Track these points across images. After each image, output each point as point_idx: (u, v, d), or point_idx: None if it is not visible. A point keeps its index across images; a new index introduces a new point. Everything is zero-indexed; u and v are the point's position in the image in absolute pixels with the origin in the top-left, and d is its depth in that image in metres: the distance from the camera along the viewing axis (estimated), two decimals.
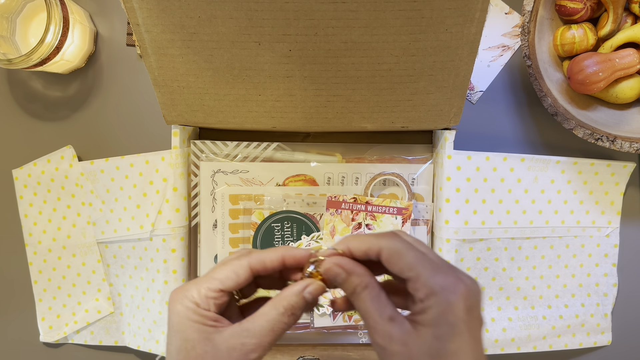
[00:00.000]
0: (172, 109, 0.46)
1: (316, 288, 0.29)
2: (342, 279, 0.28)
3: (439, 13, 0.37)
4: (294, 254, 0.30)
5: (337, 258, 0.29)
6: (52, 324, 0.54)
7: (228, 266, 0.29)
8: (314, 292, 0.29)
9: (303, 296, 0.29)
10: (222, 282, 0.29)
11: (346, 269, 0.29)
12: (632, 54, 0.47)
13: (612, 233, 0.53)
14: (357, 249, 0.29)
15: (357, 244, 0.29)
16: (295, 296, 0.29)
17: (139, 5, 0.38)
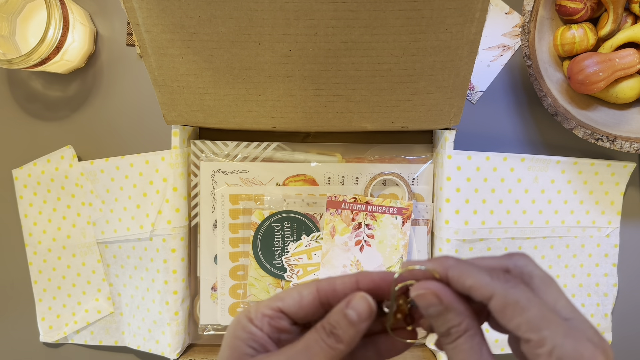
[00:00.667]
0: (172, 108, 0.46)
1: (358, 302, 0.23)
2: (437, 311, 0.22)
3: (439, 13, 0.37)
4: (371, 276, 0.24)
5: (433, 283, 0.23)
6: (52, 324, 0.54)
7: (294, 288, 0.25)
8: (357, 308, 0.23)
9: (345, 313, 0.23)
10: (283, 300, 0.24)
11: (444, 301, 0.22)
12: (632, 54, 0.47)
13: (612, 233, 0.53)
14: (458, 282, 0.23)
15: (459, 274, 0.23)
16: (335, 314, 0.23)
17: (139, 5, 0.37)
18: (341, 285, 0.24)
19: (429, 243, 0.52)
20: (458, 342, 0.22)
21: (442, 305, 0.22)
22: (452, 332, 0.22)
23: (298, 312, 0.24)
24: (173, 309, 0.49)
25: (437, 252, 0.50)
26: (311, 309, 0.24)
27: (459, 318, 0.22)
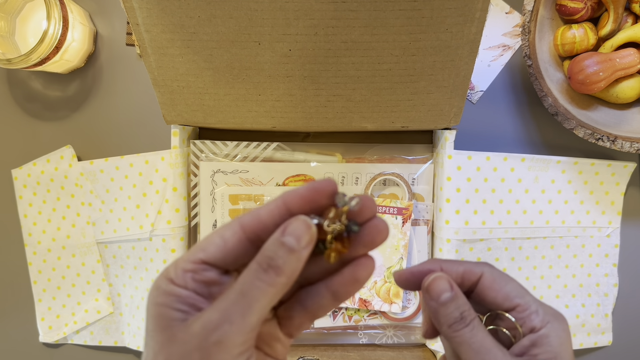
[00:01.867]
0: (171, 108, 0.45)
1: (296, 226, 0.20)
2: (447, 298, 0.24)
3: (439, 13, 0.37)
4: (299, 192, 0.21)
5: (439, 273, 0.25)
6: (52, 324, 0.54)
7: (215, 232, 0.21)
8: (296, 233, 0.20)
9: (282, 242, 0.20)
10: (205, 249, 0.20)
11: (454, 287, 0.24)
12: (633, 54, 0.47)
13: (612, 233, 0.53)
14: (452, 270, 0.25)
15: (452, 265, 0.25)
16: (271, 245, 0.20)
17: (139, 4, 0.37)
18: (268, 214, 0.20)
19: (429, 243, 0.51)
20: (473, 324, 0.24)
21: (453, 291, 0.24)
22: (465, 316, 0.24)
23: (225, 258, 0.21)
24: None
25: (438, 252, 0.50)
26: (240, 251, 0.21)
27: (467, 303, 0.24)
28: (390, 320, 0.51)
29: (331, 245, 0.21)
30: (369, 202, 0.22)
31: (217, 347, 0.18)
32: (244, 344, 0.19)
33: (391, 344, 0.52)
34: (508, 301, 0.24)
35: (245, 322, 0.19)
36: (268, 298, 0.19)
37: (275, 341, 0.23)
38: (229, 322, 0.19)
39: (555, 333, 0.23)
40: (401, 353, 0.51)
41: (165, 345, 0.19)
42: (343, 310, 0.51)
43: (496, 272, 0.25)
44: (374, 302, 0.50)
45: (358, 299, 0.51)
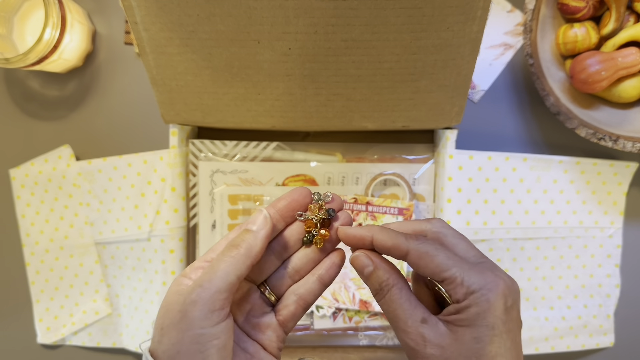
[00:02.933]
0: (170, 108, 0.45)
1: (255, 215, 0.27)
2: (369, 272, 0.27)
3: (441, 11, 0.37)
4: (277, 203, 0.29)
5: (363, 250, 0.28)
6: (50, 325, 0.54)
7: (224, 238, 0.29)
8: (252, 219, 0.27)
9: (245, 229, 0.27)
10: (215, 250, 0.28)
11: (374, 261, 0.27)
12: (635, 53, 0.47)
13: (614, 233, 0.53)
14: (381, 244, 0.27)
15: (382, 238, 0.27)
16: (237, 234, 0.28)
17: (137, 3, 0.37)
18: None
19: None
20: (390, 294, 0.26)
21: (373, 264, 0.27)
22: (383, 287, 0.27)
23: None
24: None
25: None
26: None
27: (386, 274, 0.27)
28: None
29: (317, 232, 0.29)
30: (336, 195, 0.30)
31: (192, 306, 0.24)
32: (214, 303, 0.24)
33: (392, 345, 0.52)
34: (436, 276, 0.26)
35: (212, 285, 0.24)
36: (231, 267, 0.25)
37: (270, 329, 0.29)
38: (200, 287, 0.24)
39: (475, 304, 0.24)
40: (402, 355, 0.51)
41: (162, 316, 0.25)
42: (343, 311, 0.51)
43: (426, 246, 0.26)
44: (374, 304, 0.50)
45: (359, 300, 0.50)
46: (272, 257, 0.29)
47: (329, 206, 0.29)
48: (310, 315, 0.51)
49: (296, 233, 0.29)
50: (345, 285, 0.50)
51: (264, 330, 0.28)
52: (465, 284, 0.25)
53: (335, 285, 0.50)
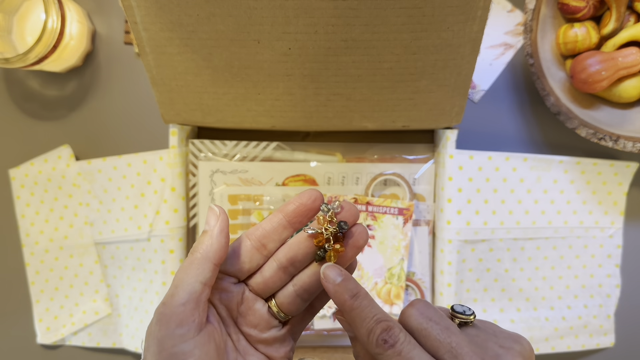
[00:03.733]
0: (170, 107, 0.45)
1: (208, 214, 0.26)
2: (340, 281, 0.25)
3: (441, 11, 0.37)
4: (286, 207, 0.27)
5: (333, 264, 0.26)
6: (50, 326, 0.54)
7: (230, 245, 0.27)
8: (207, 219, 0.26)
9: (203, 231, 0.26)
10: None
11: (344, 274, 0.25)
12: (635, 53, 0.46)
13: (615, 233, 0.53)
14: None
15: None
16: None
17: (137, 3, 0.37)
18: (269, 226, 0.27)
19: (430, 244, 0.51)
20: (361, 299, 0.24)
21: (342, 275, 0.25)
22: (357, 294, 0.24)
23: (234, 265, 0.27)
24: None
25: (439, 252, 0.50)
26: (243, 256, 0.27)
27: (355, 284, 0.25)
28: None
29: (330, 248, 0.25)
30: (349, 205, 0.26)
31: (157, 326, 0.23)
32: (179, 319, 0.23)
33: None
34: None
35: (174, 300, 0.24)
36: (190, 275, 0.24)
37: (279, 342, 0.27)
38: (163, 305, 0.24)
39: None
40: None
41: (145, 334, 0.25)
42: None
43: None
44: None
45: None
46: (279, 272, 0.27)
47: (340, 217, 0.26)
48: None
49: (304, 246, 0.27)
50: None
51: (271, 343, 0.27)
52: None
53: None
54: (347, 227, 0.26)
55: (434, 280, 0.51)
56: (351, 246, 0.26)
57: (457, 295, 0.50)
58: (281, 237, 0.27)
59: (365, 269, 0.50)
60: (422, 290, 0.51)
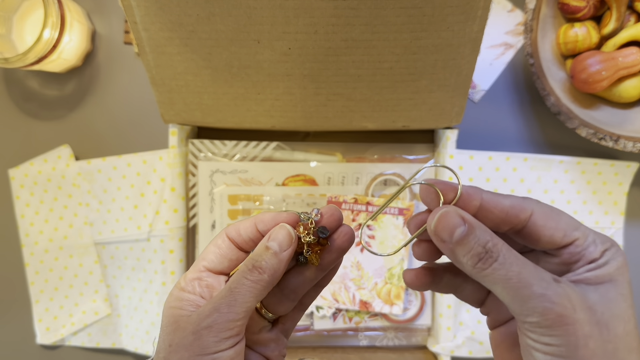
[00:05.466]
0: (170, 107, 0.45)
1: (279, 232, 0.24)
2: (461, 234, 0.21)
3: (441, 11, 0.37)
4: (265, 219, 0.25)
5: (451, 208, 0.22)
6: (49, 326, 0.54)
7: (211, 242, 0.26)
8: (278, 238, 0.24)
9: (266, 246, 0.24)
10: (205, 258, 0.26)
11: (467, 219, 0.21)
12: (635, 53, 0.46)
13: (615, 234, 0.53)
14: (493, 204, 0.22)
15: (494, 196, 0.22)
16: (257, 249, 0.24)
17: (137, 2, 0.37)
18: (244, 229, 0.26)
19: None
20: (503, 256, 0.20)
21: (465, 223, 0.21)
22: (490, 249, 0.21)
23: (223, 263, 0.26)
24: None
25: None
26: (233, 256, 0.26)
27: (488, 233, 0.21)
28: (391, 322, 0.51)
29: (309, 254, 0.25)
30: (330, 210, 0.25)
31: (207, 330, 0.23)
32: (231, 329, 0.23)
33: (392, 346, 0.52)
34: (566, 237, 0.22)
35: (231, 311, 0.23)
36: (252, 293, 0.23)
37: (272, 342, 0.27)
38: (218, 312, 0.23)
39: (614, 259, 0.21)
40: (402, 355, 0.51)
41: (170, 333, 0.24)
42: (343, 311, 0.51)
43: (546, 207, 0.22)
44: (374, 304, 0.50)
45: (359, 301, 0.50)
46: None
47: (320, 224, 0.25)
48: (310, 316, 0.51)
49: None
50: (345, 286, 0.50)
51: (266, 344, 0.27)
52: (599, 242, 0.21)
53: (335, 285, 0.50)
54: (327, 232, 0.25)
55: None
56: (335, 248, 0.25)
57: None
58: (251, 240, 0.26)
59: (365, 269, 0.50)
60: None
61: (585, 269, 0.21)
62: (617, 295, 0.20)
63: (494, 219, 0.22)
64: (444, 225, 0.21)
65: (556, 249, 0.22)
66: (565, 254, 0.22)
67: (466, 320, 0.51)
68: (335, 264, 0.27)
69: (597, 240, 0.22)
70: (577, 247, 0.22)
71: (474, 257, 0.21)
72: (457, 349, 0.49)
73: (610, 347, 0.20)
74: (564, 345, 0.19)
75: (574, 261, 0.22)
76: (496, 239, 0.21)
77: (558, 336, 0.19)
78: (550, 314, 0.19)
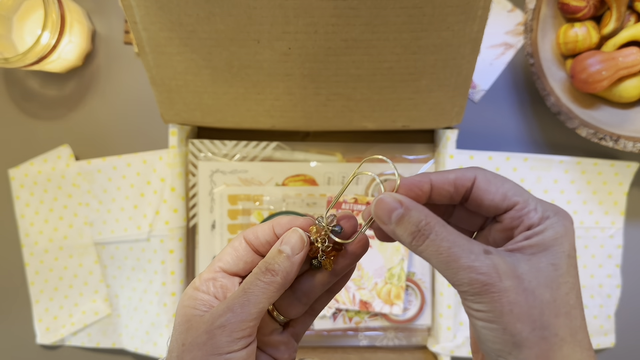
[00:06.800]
0: (169, 107, 0.45)
1: (291, 236, 0.25)
2: (398, 216, 0.23)
3: (441, 10, 0.37)
4: (283, 222, 0.26)
5: (387, 194, 0.23)
6: (49, 326, 0.54)
7: (228, 244, 0.27)
8: (291, 242, 0.25)
9: (279, 249, 0.24)
10: (221, 259, 0.26)
11: (404, 202, 0.23)
12: (635, 53, 0.46)
13: (615, 234, 0.53)
14: (441, 181, 0.24)
15: (441, 175, 0.24)
16: (271, 252, 0.25)
17: (137, 2, 0.37)
18: (261, 233, 0.26)
19: None
20: (435, 233, 0.22)
21: (402, 206, 0.23)
22: (423, 227, 0.22)
23: (238, 265, 0.26)
24: (171, 310, 0.49)
25: None
26: (248, 257, 0.26)
27: (421, 214, 0.23)
28: (391, 322, 0.51)
29: (323, 259, 0.25)
30: (347, 216, 0.26)
31: (220, 330, 0.23)
32: (243, 330, 0.23)
33: (392, 346, 0.52)
34: (507, 200, 0.23)
35: (244, 312, 0.23)
36: (265, 294, 0.24)
37: (282, 345, 0.27)
38: (232, 312, 0.23)
39: (552, 227, 0.22)
40: (402, 355, 0.51)
41: (183, 332, 0.24)
42: (343, 312, 0.51)
43: (489, 173, 0.24)
44: (374, 304, 0.50)
45: (359, 301, 0.50)
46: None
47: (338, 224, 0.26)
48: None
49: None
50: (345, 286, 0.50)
51: (277, 346, 0.27)
52: (540, 209, 0.22)
53: None
54: (340, 230, 0.25)
55: (434, 280, 0.51)
56: (350, 254, 0.26)
57: (457, 296, 0.50)
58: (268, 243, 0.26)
59: (366, 269, 0.50)
60: (422, 291, 0.51)
61: (523, 235, 0.22)
62: (548, 265, 0.22)
63: (446, 194, 0.24)
64: (383, 209, 0.23)
65: (499, 215, 0.24)
66: (506, 218, 0.23)
67: (466, 320, 0.51)
68: (348, 270, 0.27)
69: (539, 207, 0.23)
70: (517, 212, 0.23)
71: (409, 235, 0.23)
72: (457, 349, 0.49)
73: (535, 312, 0.21)
74: (491, 312, 0.21)
75: (514, 226, 0.23)
76: (430, 217, 0.23)
77: (485, 303, 0.21)
78: (476, 283, 0.21)
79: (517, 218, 0.23)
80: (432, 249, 0.22)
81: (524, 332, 0.21)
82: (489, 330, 0.21)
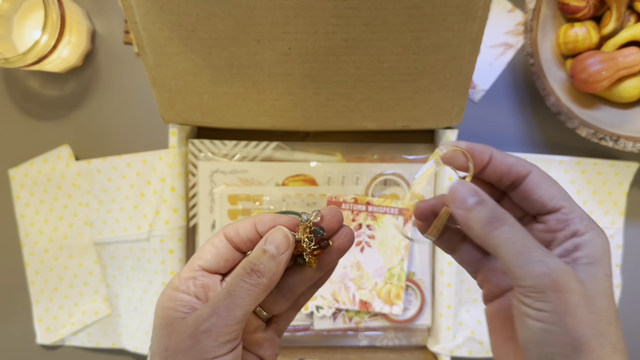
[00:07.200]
0: (169, 107, 0.45)
1: (276, 235, 0.24)
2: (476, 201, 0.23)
3: (441, 11, 0.37)
4: (265, 219, 0.25)
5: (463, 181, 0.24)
6: (49, 326, 0.54)
7: (207, 241, 0.26)
8: (275, 241, 0.24)
9: (264, 249, 0.24)
10: (201, 257, 0.25)
11: (480, 193, 0.23)
12: (635, 53, 0.46)
13: (615, 234, 0.53)
14: (500, 159, 0.24)
15: (501, 154, 0.24)
16: (255, 252, 0.24)
17: (137, 2, 0.37)
18: (243, 229, 0.25)
19: (430, 244, 0.51)
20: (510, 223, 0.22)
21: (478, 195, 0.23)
22: (500, 215, 0.22)
23: (219, 263, 0.25)
24: None
25: (439, 252, 0.50)
26: (229, 255, 0.25)
27: (498, 207, 0.23)
28: (391, 322, 0.51)
29: (309, 256, 0.25)
30: (331, 211, 0.25)
31: (205, 334, 0.22)
32: (229, 334, 0.23)
33: (392, 346, 0.52)
34: (554, 201, 0.23)
35: (230, 315, 0.22)
36: (251, 296, 0.23)
37: (266, 342, 0.27)
38: (217, 315, 0.22)
39: (598, 240, 0.23)
40: (402, 355, 0.51)
41: (166, 336, 0.23)
42: (343, 311, 0.51)
43: (544, 173, 0.24)
44: (374, 304, 0.50)
45: (359, 301, 0.50)
46: None
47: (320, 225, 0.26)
48: (310, 316, 0.51)
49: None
50: (345, 286, 0.50)
51: (260, 343, 0.27)
52: (585, 218, 0.23)
53: (335, 285, 0.50)
54: (323, 232, 0.25)
55: (434, 280, 0.51)
56: (335, 249, 0.26)
57: (457, 295, 0.50)
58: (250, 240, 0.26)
59: (366, 269, 0.50)
60: (423, 291, 0.51)
61: (572, 242, 0.23)
62: (603, 275, 0.22)
63: (498, 172, 0.25)
64: (462, 192, 0.23)
65: (543, 214, 0.24)
66: (551, 220, 0.24)
67: (466, 320, 0.51)
68: (333, 265, 0.27)
69: (584, 216, 0.23)
70: (564, 215, 0.23)
71: (484, 219, 0.22)
72: (457, 349, 0.49)
73: (594, 318, 0.21)
74: (554, 312, 0.21)
75: (558, 229, 0.23)
76: (504, 211, 0.23)
77: (550, 302, 0.21)
78: (547, 278, 0.21)
79: (563, 221, 0.23)
80: (506, 236, 0.22)
81: (585, 337, 0.21)
82: (548, 332, 0.21)
